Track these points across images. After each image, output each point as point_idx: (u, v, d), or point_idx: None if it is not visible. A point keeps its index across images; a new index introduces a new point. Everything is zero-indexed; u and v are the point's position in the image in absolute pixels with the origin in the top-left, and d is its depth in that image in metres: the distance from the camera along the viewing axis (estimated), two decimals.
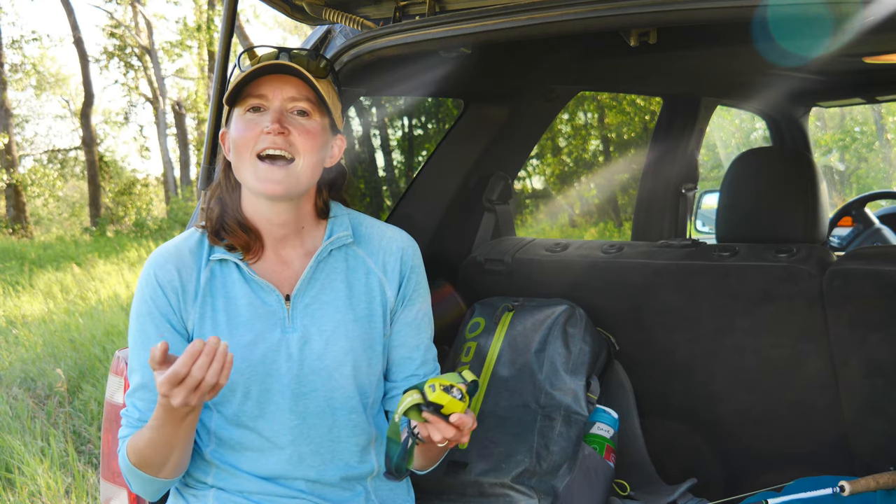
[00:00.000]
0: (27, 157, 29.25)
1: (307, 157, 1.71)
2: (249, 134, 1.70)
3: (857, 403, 2.18)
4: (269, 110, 1.71)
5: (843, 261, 2.15)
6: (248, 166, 1.70)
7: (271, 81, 1.72)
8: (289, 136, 1.69)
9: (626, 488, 2.32)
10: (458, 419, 1.56)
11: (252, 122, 1.71)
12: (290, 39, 31.06)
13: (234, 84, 1.70)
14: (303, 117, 1.73)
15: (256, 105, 1.72)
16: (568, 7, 1.72)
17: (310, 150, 1.72)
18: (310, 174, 1.74)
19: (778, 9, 1.54)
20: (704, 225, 4.64)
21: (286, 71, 1.71)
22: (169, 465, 1.69)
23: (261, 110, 1.72)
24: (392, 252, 1.85)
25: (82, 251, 16.33)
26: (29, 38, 28.95)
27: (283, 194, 1.71)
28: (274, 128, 1.68)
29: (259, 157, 1.70)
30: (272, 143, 1.68)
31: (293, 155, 1.70)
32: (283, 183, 1.69)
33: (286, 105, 1.72)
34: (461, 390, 1.57)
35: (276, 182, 1.69)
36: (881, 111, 19.68)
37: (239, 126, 1.73)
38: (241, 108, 1.74)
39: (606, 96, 17.26)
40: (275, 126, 1.68)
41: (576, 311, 2.40)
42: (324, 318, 1.77)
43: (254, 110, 1.73)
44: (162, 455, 1.67)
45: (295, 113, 1.73)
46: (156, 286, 1.75)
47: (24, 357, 6.83)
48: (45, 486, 4.08)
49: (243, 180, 1.73)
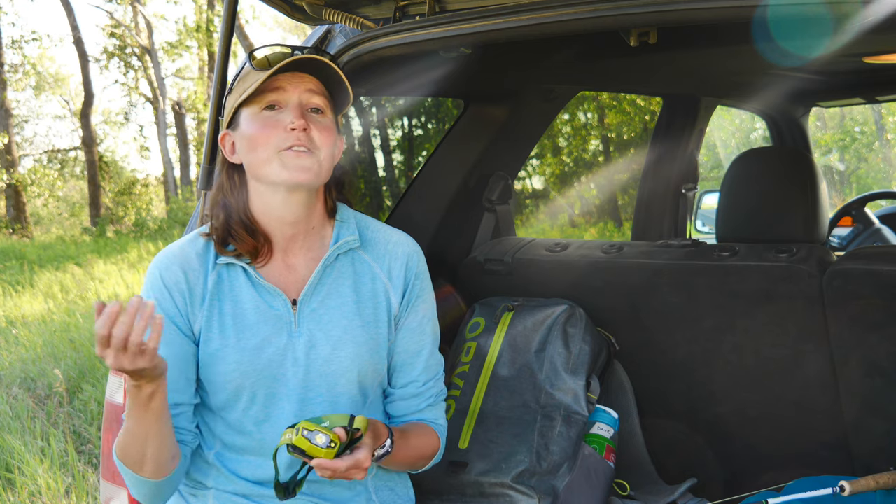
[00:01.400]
0: (27, 157, 29.27)
1: (326, 153, 1.72)
2: (270, 131, 1.69)
3: (857, 403, 2.18)
4: (288, 107, 1.71)
5: (843, 261, 2.15)
6: (273, 160, 1.69)
7: (288, 76, 1.72)
8: (310, 133, 1.70)
9: (626, 488, 2.32)
10: (318, 464, 1.58)
11: (271, 119, 1.70)
12: (290, 39, 31.06)
13: (260, 83, 1.68)
14: (318, 115, 1.74)
15: (273, 102, 1.71)
16: (568, 7, 1.72)
17: (328, 146, 1.72)
18: (328, 169, 1.74)
19: (778, 9, 1.54)
20: (704, 225, 4.63)
21: (306, 66, 1.71)
22: (147, 460, 1.64)
23: (276, 108, 1.72)
24: (398, 257, 1.85)
25: (82, 251, 16.33)
26: (29, 38, 28.95)
27: (310, 182, 1.70)
28: (300, 123, 1.67)
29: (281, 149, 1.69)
30: (297, 140, 1.68)
31: (313, 150, 1.70)
32: (311, 170, 1.69)
33: (304, 99, 1.72)
34: (329, 436, 1.57)
35: (306, 169, 1.68)
36: (881, 111, 19.69)
37: (255, 124, 1.71)
38: (255, 107, 1.72)
39: (606, 96, 17.26)
40: (300, 122, 1.67)
41: (576, 311, 2.40)
42: (330, 323, 1.76)
43: (270, 108, 1.72)
44: (138, 446, 1.63)
45: (310, 110, 1.73)
46: (162, 288, 1.74)
47: (23, 357, 6.83)
48: (45, 486, 4.08)
49: (264, 176, 1.71)
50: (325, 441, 1.57)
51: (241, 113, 1.75)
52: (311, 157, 1.69)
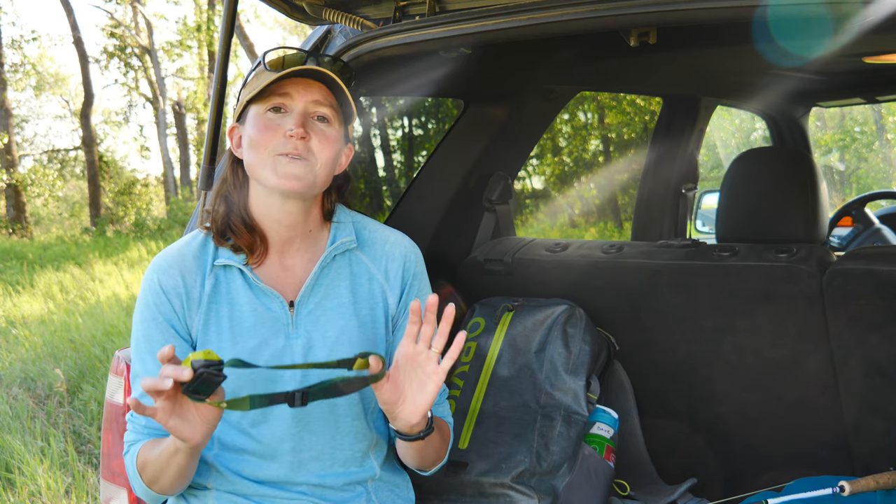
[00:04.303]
0: (27, 157, 29.27)
1: (324, 163, 1.71)
2: (271, 134, 1.68)
3: (857, 403, 2.18)
4: (292, 112, 1.70)
5: (843, 261, 2.15)
6: (268, 163, 1.69)
7: (297, 83, 1.71)
8: (309, 142, 1.68)
9: (626, 488, 2.32)
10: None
11: (273, 121, 1.70)
12: (290, 39, 31.07)
13: (265, 84, 1.67)
14: (323, 123, 1.72)
15: (278, 105, 1.71)
16: (568, 7, 1.71)
17: (327, 157, 1.71)
18: (324, 179, 1.73)
19: (778, 9, 1.54)
20: (704, 225, 4.64)
21: (315, 76, 1.70)
22: (161, 485, 1.69)
23: (281, 111, 1.71)
24: (395, 258, 1.84)
25: (82, 251, 16.33)
26: (29, 37, 28.96)
27: (302, 191, 1.69)
28: (298, 132, 1.66)
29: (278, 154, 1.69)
30: (294, 148, 1.67)
31: (309, 159, 1.69)
32: (303, 179, 1.68)
33: (309, 108, 1.71)
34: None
35: (297, 178, 1.67)
36: (881, 111, 19.69)
37: (258, 124, 1.71)
38: (261, 106, 1.72)
39: (606, 96, 17.27)
40: (299, 130, 1.66)
41: (576, 311, 2.40)
42: (327, 324, 1.76)
43: (275, 110, 1.71)
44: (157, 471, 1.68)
45: (315, 118, 1.72)
46: (159, 292, 1.74)
47: (24, 357, 6.83)
48: (45, 486, 4.07)
49: (259, 178, 1.71)
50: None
51: (250, 110, 1.74)
52: (304, 165, 1.68)
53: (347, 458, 1.80)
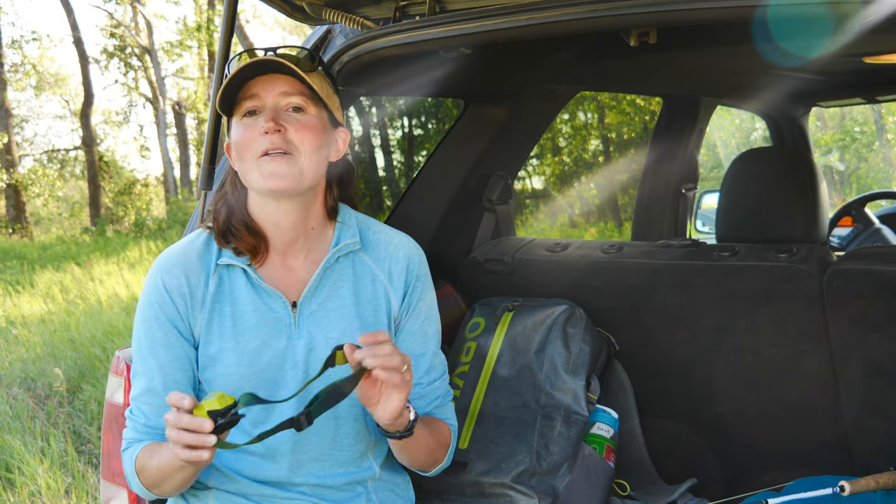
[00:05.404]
0: (27, 157, 29.25)
1: (308, 152, 1.70)
2: (249, 136, 1.69)
3: (857, 403, 2.18)
4: (264, 111, 1.70)
5: (843, 261, 2.15)
6: (253, 167, 1.69)
7: (262, 81, 1.71)
8: (286, 134, 1.68)
9: (626, 488, 2.32)
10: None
11: (249, 125, 1.71)
12: (290, 39, 31.06)
13: (223, 89, 1.69)
14: (298, 113, 1.72)
15: (251, 108, 1.72)
16: (568, 7, 1.71)
17: (309, 144, 1.70)
18: (314, 169, 1.72)
19: (778, 9, 1.54)
20: (704, 225, 4.64)
21: (274, 69, 1.70)
22: (161, 489, 1.72)
23: (256, 114, 1.71)
24: (398, 260, 1.84)
25: (82, 251, 16.32)
26: (29, 38, 28.96)
27: (288, 189, 1.69)
28: (269, 126, 1.67)
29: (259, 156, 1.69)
30: (271, 144, 1.67)
31: (292, 152, 1.69)
32: (287, 176, 1.68)
33: (280, 102, 1.71)
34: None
35: (280, 176, 1.67)
36: (881, 111, 19.69)
37: (238, 131, 1.72)
38: (237, 115, 1.74)
39: (606, 96, 17.27)
40: (270, 125, 1.67)
41: (576, 311, 2.40)
42: (330, 325, 1.76)
43: (250, 114, 1.72)
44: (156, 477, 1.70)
45: (290, 110, 1.72)
46: (163, 291, 1.74)
47: (23, 357, 6.83)
48: (45, 486, 4.08)
49: (250, 184, 1.73)
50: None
51: (232, 122, 1.76)
52: (287, 161, 1.68)
53: (347, 458, 1.80)
